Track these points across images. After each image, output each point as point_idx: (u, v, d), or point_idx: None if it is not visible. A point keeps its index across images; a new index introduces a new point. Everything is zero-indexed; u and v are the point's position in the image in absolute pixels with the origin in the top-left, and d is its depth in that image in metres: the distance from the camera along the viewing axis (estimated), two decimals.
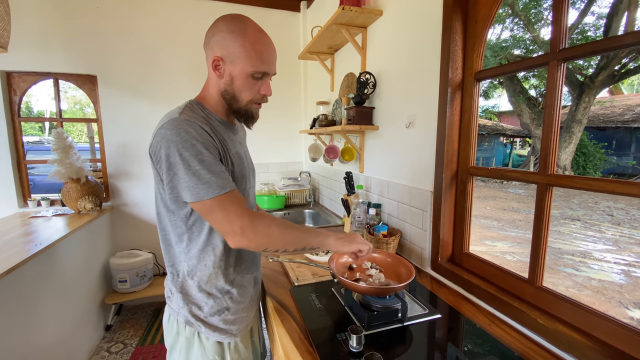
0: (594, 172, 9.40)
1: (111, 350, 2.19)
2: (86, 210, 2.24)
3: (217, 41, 0.80)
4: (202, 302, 0.86)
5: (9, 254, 1.46)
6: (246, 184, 0.92)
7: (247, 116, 0.87)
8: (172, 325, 0.90)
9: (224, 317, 0.88)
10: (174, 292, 0.88)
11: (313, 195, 2.71)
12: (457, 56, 1.14)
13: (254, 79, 0.82)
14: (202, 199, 0.72)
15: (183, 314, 0.87)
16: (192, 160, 0.71)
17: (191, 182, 0.71)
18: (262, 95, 0.86)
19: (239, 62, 0.79)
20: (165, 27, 2.53)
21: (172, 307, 0.90)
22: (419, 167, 1.36)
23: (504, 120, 15.65)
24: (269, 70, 0.84)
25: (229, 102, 0.85)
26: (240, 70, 0.80)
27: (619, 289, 3.44)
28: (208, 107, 0.86)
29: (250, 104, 0.85)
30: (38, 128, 12.75)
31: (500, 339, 0.86)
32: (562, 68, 0.85)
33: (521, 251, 4.45)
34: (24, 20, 2.21)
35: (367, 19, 1.66)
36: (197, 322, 0.86)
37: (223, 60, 0.80)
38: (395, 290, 0.91)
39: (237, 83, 0.82)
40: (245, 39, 0.78)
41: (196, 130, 0.73)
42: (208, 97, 0.87)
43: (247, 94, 0.83)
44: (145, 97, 2.53)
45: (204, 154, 0.72)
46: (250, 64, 0.79)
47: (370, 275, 1.05)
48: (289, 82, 2.91)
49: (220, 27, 0.80)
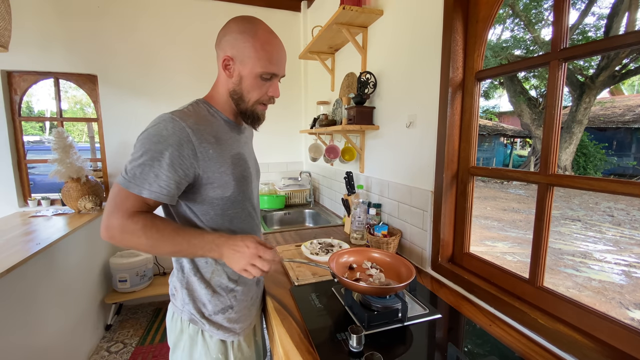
0: (594, 173, 9.39)
1: (111, 350, 2.19)
2: (86, 209, 2.24)
3: (228, 41, 0.80)
4: (207, 299, 0.86)
5: (9, 253, 1.46)
6: (248, 185, 0.91)
7: (252, 117, 0.87)
8: (175, 323, 0.90)
9: (228, 316, 0.89)
10: (179, 288, 0.88)
11: (313, 195, 2.71)
12: (458, 56, 1.14)
13: (263, 80, 0.82)
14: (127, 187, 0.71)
15: (188, 310, 0.87)
16: (150, 154, 0.71)
17: (129, 166, 0.72)
18: (270, 97, 0.86)
19: (248, 62, 0.80)
20: (166, 27, 2.53)
21: (176, 305, 0.90)
22: (420, 167, 1.36)
23: (504, 120, 15.63)
24: (278, 71, 0.84)
25: (236, 102, 0.85)
26: (249, 70, 0.80)
27: (620, 290, 3.43)
28: (215, 106, 0.87)
29: (256, 105, 0.85)
30: (38, 127, 12.76)
31: (501, 339, 0.85)
32: (563, 68, 0.84)
33: (521, 251, 4.45)
34: (24, 20, 2.21)
35: (367, 19, 1.66)
36: (201, 320, 0.87)
37: (233, 60, 0.81)
38: (395, 290, 0.91)
39: (245, 83, 0.82)
40: (256, 40, 0.79)
41: (174, 129, 0.73)
42: (216, 97, 0.87)
43: (255, 94, 0.83)
44: (145, 96, 2.53)
45: (163, 155, 0.71)
46: (260, 64, 0.80)
47: (370, 275, 1.05)
48: (289, 82, 2.91)
49: (231, 28, 0.81)
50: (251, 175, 0.92)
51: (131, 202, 0.72)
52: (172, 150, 0.72)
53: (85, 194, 2.24)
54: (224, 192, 0.83)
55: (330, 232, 1.81)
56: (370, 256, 1.13)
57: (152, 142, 0.72)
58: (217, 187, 0.81)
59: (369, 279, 1.03)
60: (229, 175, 0.83)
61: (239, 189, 0.86)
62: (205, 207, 0.83)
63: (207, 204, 0.83)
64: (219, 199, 0.83)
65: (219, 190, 0.82)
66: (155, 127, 0.73)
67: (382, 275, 1.05)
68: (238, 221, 0.89)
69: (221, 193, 0.83)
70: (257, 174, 1.02)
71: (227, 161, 0.83)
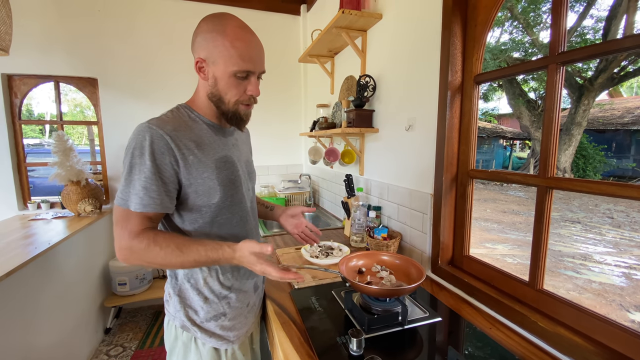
0: (593, 175, 9.39)
1: (110, 354, 2.18)
2: (86, 212, 2.24)
3: (199, 43, 0.77)
4: (198, 306, 0.85)
5: (8, 257, 1.46)
6: (237, 189, 0.87)
7: (235, 118, 0.84)
8: (170, 329, 0.89)
9: (221, 323, 0.87)
10: (172, 294, 0.86)
11: (313, 198, 2.71)
12: (457, 59, 1.15)
13: (238, 79, 0.78)
14: (127, 206, 0.72)
15: (179, 318, 0.86)
16: (135, 169, 0.72)
17: (126, 188, 0.72)
18: (249, 96, 0.82)
19: (220, 62, 0.76)
20: (166, 31, 2.54)
21: (169, 311, 0.89)
22: (419, 169, 1.36)
23: (503, 122, 15.66)
24: (253, 68, 0.79)
25: (216, 104, 0.82)
26: (222, 70, 0.77)
27: (620, 292, 3.43)
28: (197, 111, 0.84)
29: (236, 105, 0.81)
30: (38, 130, 12.76)
31: (501, 342, 0.85)
32: (562, 71, 0.85)
33: (521, 254, 4.45)
34: (25, 24, 2.22)
35: (367, 23, 1.67)
36: (193, 327, 0.85)
37: (206, 62, 0.78)
38: (409, 290, 0.90)
39: (221, 84, 0.78)
40: (225, 37, 0.75)
41: (152, 138, 0.72)
42: (197, 100, 0.85)
43: (233, 94, 0.80)
44: (145, 99, 2.54)
45: (147, 165, 0.71)
46: (231, 62, 0.76)
47: (381, 278, 1.04)
48: (289, 85, 2.92)
49: (201, 28, 0.78)
50: (240, 178, 0.89)
51: (132, 220, 0.72)
52: (153, 159, 0.72)
53: (85, 197, 2.24)
54: (210, 199, 0.81)
55: (330, 235, 1.81)
56: (380, 259, 1.13)
57: (134, 155, 0.72)
58: (201, 194, 0.79)
59: (381, 281, 1.03)
60: (213, 181, 0.80)
61: (227, 194, 0.84)
62: (194, 215, 0.81)
63: (195, 212, 0.81)
64: (206, 207, 0.81)
65: (204, 197, 0.80)
66: (134, 138, 0.73)
67: (393, 277, 1.04)
68: (228, 227, 0.87)
69: (207, 200, 0.81)
70: (249, 177, 0.98)
71: (211, 166, 0.80)
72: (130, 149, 0.73)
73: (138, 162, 0.71)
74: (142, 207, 0.71)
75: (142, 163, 0.71)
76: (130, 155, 0.72)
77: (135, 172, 0.72)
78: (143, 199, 0.71)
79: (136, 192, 0.71)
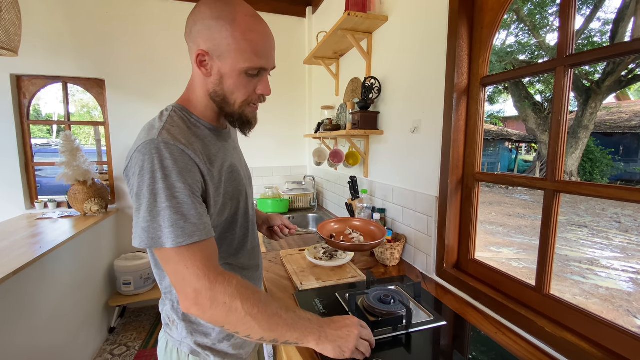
0: (601, 179, 9.30)
1: (114, 353, 2.19)
2: (92, 212, 2.26)
3: (200, 31, 0.64)
4: (209, 328, 0.76)
5: (15, 255, 1.48)
6: (243, 199, 0.79)
7: (241, 121, 0.72)
8: (171, 354, 0.77)
9: (234, 342, 0.79)
10: (177, 321, 0.75)
11: (317, 200, 2.71)
12: (463, 61, 1.14)
13: (249, 77, 0.67)
14: (161, 245, 0.57)
15: (187, 344, 0.75)
16: (161, 195, 0.57)
17: (153, 222, 0.57)
18: (259, 95, 0.71)
19: (228, 56, 0.64)
20: (173, 32, 2.56)
21: (172, 337, 0.77)
22: (424, 172, 1.35)
23: (509, 125, 15.58)
24: (267, 64, 0.68)
25: (219, 105, 0.70)
26: (230, 66, 0.64)
27: (627, 297, 3.38)
28: (195, 113, 0.71)
29: (244, 106, 0.70)
30: (46, 131, 12.93)
31: (507, 347, 0.84)
32: (570, 74, 0.84)
33: (527, 258, 4.40)
34: (34, 26, 2.25)
35: (372, 25, 1.67)
36: (204, 352, 0.76)
37: (209, 55, 0.64)
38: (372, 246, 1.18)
39: (227, 82, 0.66)
40: (235, 27, 0.62)
41: (174, 155, 0.59)
42: (194, 100, 0.71)
43: (241, 94, 0.68)
44: (152, 100, 2.56)
45: (177, 188, 0.58)
46: (243, 58, 0.64)
47: (352, 238, 1.30)
48: (294, 87, 2.93)
49: (203, 13, 0.64)
50: (245, 186, 0.80)
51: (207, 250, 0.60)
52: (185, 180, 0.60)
53: (91, 196, 2.26)
54: (221, 217, 0.72)
55: None
56: (352, 224, 1.41)
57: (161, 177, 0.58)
58: (214, 213, 0.69)
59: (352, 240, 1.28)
60: (222, 196, 0.71)
61: (235, 208, 0.75)
62: None
63: None
64: (216, 227, 0.71)
65: (216, 217, 0.70)
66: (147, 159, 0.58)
67: (362, 237, 1.31)
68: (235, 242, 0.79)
69: (218, 219, 0.72)
70: (249, 182, 0.88)
71: (221, 179, 0.70)
72: (145, 174, 0.58)
73: (164, 187, 0.57)
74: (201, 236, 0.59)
75: (171, 186, 0.58)
76: (145, 182, 0.58)
77: (164, 200, 0.57)
78: (196, 225, 0.59)
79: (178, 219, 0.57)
